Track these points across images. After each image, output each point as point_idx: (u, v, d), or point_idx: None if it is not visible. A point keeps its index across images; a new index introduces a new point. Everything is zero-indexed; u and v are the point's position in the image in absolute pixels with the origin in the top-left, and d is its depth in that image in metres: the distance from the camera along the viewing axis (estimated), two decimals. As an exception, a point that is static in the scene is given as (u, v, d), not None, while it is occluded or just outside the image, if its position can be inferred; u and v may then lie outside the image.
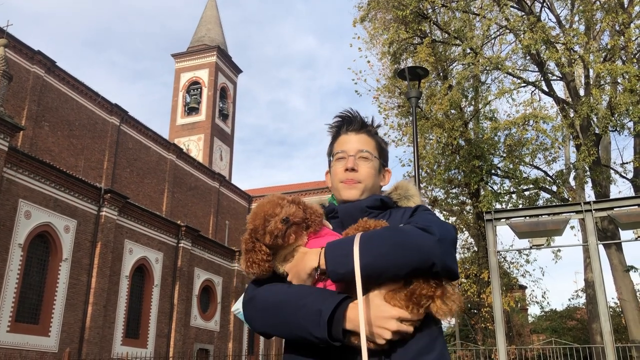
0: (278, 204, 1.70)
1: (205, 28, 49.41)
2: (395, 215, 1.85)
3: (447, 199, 20.41)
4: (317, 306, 1.55)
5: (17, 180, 20.81)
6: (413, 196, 1.94)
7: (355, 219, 1.82)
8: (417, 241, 1.55)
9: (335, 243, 1.62)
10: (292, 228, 1.66)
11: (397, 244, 1.54)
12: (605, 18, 15.34)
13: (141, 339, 26.45)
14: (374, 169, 1.96)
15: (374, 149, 1.99)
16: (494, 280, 9.81)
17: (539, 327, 37.41)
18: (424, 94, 17.18)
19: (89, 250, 23.93)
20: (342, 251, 1.56)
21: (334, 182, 1.98)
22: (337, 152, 1.98)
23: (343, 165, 1.94)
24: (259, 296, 1.70)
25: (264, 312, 1.67)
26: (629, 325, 16.31)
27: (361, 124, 2.01)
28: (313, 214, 1.72)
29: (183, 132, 45.51)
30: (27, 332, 20.70)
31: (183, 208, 38.72)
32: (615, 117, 15.34)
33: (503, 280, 17.98)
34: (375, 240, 1.56)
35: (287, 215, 1.65)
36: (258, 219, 1.69)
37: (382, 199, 1.90)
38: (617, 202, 9.87)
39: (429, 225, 1.60)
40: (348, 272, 1.53)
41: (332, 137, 2.06)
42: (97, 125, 31.96)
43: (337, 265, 1.55)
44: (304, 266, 1.63)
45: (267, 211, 1.69)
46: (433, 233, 1.57)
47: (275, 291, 1.66)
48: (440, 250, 1.55)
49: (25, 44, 27.32)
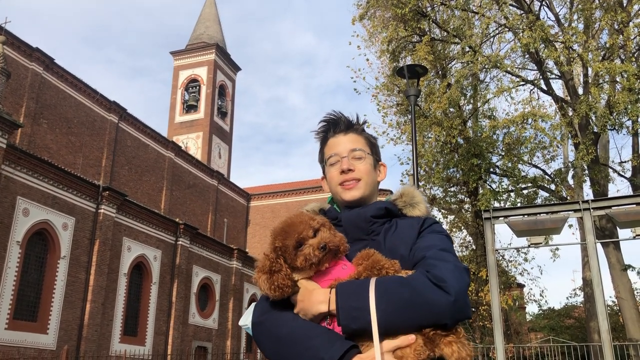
0: (310, 225, 1.65)
1: (204, 25, 49.34)
2: (402, 227, 1.82)
3: (446, 198, 20.42)
4: (322, 354, 1.52)
5: (16, 177, 20.78)
6: (419, 203, 1.90)
7: (360, 228, 1.83)
8: (431, 302, 1.50)
9: (348, 291, 1.54)
10: (328, 255, 1.62)
11: (412, 304, 1.50)
12: (604, 17, 15.34)
13: (139, 337, 26.45)
14: (370, 165, 1.93)
15: (365, 146, 1.95)
16: (492, 279, 9.82)
17: (537, 326, 37.49)
18: (422, 92, 17.18)
19: (87, 247, 23.91)
20: (356, 303, 1.51)
21: (332, 186, 1.93)
22: (329, 156, 1.94)
23: (338, 169, 1.90)
24: (267, 324, 1.67)
25: (271, 343, 1.65)
26: (627, 323, 16.34)
27: (347, 124, 1.97)
28: (342, 241, 1.68)
29: (182, 129, 45.47)
30: (25, 329, 20.69)
31: (181, 206, 38.71)
32: (614, 116, 15.35)
33: (501, 279, 18.00)
34: (389, 296, 1.51)
35: (325, 242, 1.61)
36: (290, 238, 1.63)
37: (387, 207, 1.86)
38: (615, 200, 9.89)
39: (444, 278, 1.54)
40: (361, 328, 1.50)
41: (320, 143, 2.02)
42: (95, 123, 31.92)
43: (351, 320, 1.51)
44: (311, 307, 1.59)
45: (300, 232, 1.64)
46: (449, 292, 1.52)
47: (283, 323, 1.64)
48: (455, 312, 1.52)
49: (23, 41, 27.26)
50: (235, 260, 34.80)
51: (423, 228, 1.81)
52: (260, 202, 48.74)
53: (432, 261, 1.63)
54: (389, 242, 1.80)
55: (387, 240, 1.81)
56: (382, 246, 1.79)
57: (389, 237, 1.81)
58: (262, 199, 48.74)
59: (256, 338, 1.71)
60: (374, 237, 1.83)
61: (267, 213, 47.69)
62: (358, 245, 1.79)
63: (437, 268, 1.58)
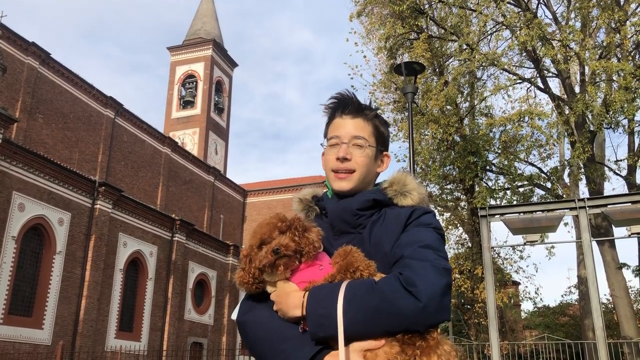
0: (277, 227, 1.65)
1: (201, 21, 49.20)
2: (389, 219, 1.76)
3: (442, 195, 20.45)
4: (292, 358, 1.55)
5: (11, 172, 20.72)
6: (411, 191, 1.80)
7: (345, 221, 1.79)
8: (399, 308, 1.46)
9: (317, 298, 1.54)
10: (282, 260, 1.60)
11: (380, 311, 1.46)
12: (601, 15, 15.36)
13: (135, 333, 26.43)
14: (368, 157, 1.83)
15: (370, 135, 1.85)
16: (488, 276, 9.85)
17: (532, 323, 37.61)
18: (419, 89, 17.19)
19: (83, 243, 23.86)
20: (324, 310, 1.50)
21: (326, 169, 1.87)
22: (331, 137, 1.86)
23: (335, 153, 1.82)
24: (247, 325, 1.70)
25: (251, 344, 1.68)
26: (621, 321, 16.41)
27: (357, 107, 1.87)
28: (308, 245, 1.64)
29: (178, 125, 45.35)
30: (21, 324, 20.66)
31: (178, 202, 38.65)
32: (610, 115, 15.39)
33: (497, 276, 18.05)
34: (357, 303, 1.48)
35: (279, 246, 1.60)
36: (254, 238, 1.66)
37: (375, 199, 1.79)
38: (611, 199, 9.92)
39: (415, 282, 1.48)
40: (328, 335, 1.50)
41: (328, 118, 1.93)
42: (91, 118, 31.82)
43: (319, 327, 1.51)
44: (288, 309, 1.59)
45: (264, 233, 1.65)
46: (419, 298, 1.46)
47: (260, 325, 1.66)
48: (426, 319, 1.47)
49: (19, 35, 27.12)
50: (231, 257, 34.80)
51: (410, 220, 1.73)
52: (256, 198, 48.71)
53: (409, 261, 1.56)
54: (374, 237, 1.74)
55: (373, 234, 1.75)
56: (367, 241, 1.74)
57: (375, 231, 1.75)
58: (259, 195, 48.71)
59: (241, 336, 1.77)
60: (361, 230, 1.78)
61: (263, 209, 47.67)
62: (344, 238, 1.76)
63: (411, 269, 1.52)
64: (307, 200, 1.94)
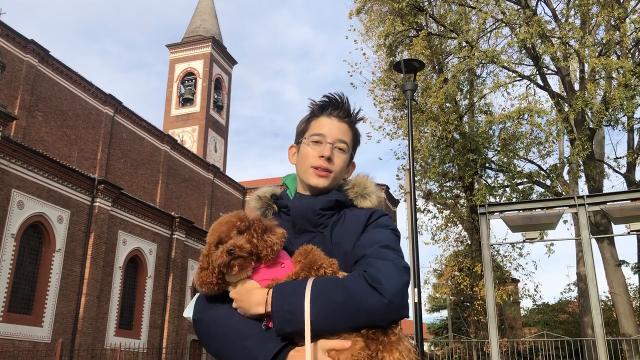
0: (235, 226, 1.63)
1: (200, 19, 49.14)
2: (349, 220, 1.81)
3: (441, 192, 20.47)
4: (256, 354, 1.55)
5: (10, 170, 20.70)
6: (370, 194, 1.89)
7: (308, 220, 1.82)
8: (365, 304, 1.51)
9: (283, 294, 1.55)
10: (237, 260, 1.58)
11: (346, 307, 1.50)
12: (601, 12, 15.35)
13: (134, 330, 26.46)
14: (345, 162, 1.90)
15: (350, 140, 1.91)
16: (487, 274, 9.86)
17: (531, 320, 37.63)
18: (419, 87, 17.17)
19: (83, 240, 23.86)
20: (290, 307, 1.52)
21: (304, 164, 1.88)
22: (316, 133, 1.87)
23: (319, 151, 1.84)
24: (205, 322, 1.69)
25: (210, 341, 1.67)
26: (620, 318, 16.44)
27: (347, 112, 1.92)
28: (266, 248, 1.63)
29: (177, 123, 45.34)
30: (20, 322, 20.67)
31: (177, 199, 38.64)
32: (610, 112, 15.39)
33: (496, 274, 18.06)
34: (323, 299, 1.51)
35: (233, 247, 1.58)
36: (213, 237, 1.64)
37: (338, 200, 1.84)
38: (610, 196, 9.92)
39: (379, 279, 1.54)
40: (295, 331, 1.52)
41: (311, 114, 1.94)
42: (90, 116, 31.78)
43: (285, 323, 1.52)
44: (250, 306, 1.59)
45: (222, 232, 1.63)
46: (383, 294, 1.51)
47: (220, 322, 1.65)
48: (389, 314, 1.52)
49: (18, 33, 27.07)
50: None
51: (370, 222, 1.79)
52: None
53: (371, 260, 1.62)
54: (335, 236, 1.79)
55: (334, 234, 1.80)
56: (329, 240, 1.78)
57: (336, 231, 1.80)
58: (258, 193, 48.69)
59: (197, 334, 1.73)
60: (322, 229, 1.82)
61: (262, 207, 47.64)
62: (305, 237, 1.80)
63: (374, 268, 1.58)
64: (267, 198, 1.98)
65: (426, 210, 20.69)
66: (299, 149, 1.93)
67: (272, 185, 2.07)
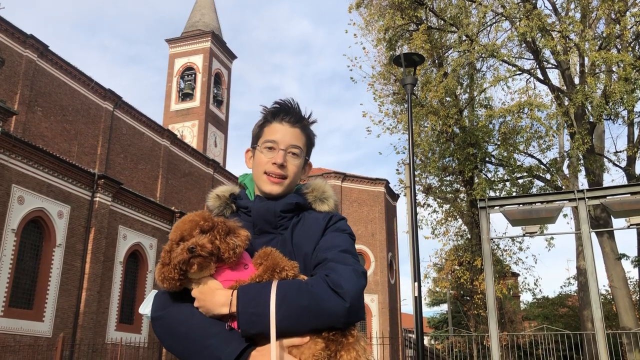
0: (198, 225, 1.64)
1: (200, 13, 49.01)
2: (309, 223, 1.87)
3: (441, 187, 20.47)
4: (218, 353, 1.57)
5: (10, 165, 20.70)
6: (328, 199, 1.95)
7: (268, 222, 1.86)
8: (327, 308, 1.57)
9: (248, 296, 1.58)
10: (197, 259, 1.59)
11: (310, 311, 1.55)
12: (601, 6, 15.31)
13: (135, 325, 26.52)
14: (299, 167, 1.94)
15: (304, 144, 1.96)
16: (487, 268, 9.88)
17: (531, 314, 37.71)
18: (419, 81, 17.15)
19: (83, 236, 23.89)
20: (255, 309, 1.55)
21: (257, 170, 1.93)
22: (268, 140, 1.92)
23: (271, 158, 1.89)
24: (165, 319, 1.69)
25: (170, 339, 1.67)
26: (620, 312, 16.47)
27: (298, 117, 1.96)
28: (229, 250, 1.64)
29: (177, 118, 45.30)
30: (21, 317, 20.71)
31: (177, 194, 38.65)
32: (610, 106, 15.36)
33: (496, 268, 18.09)
34: (288, 303, 1.55)
35: (195, 245, 1.59)
36: (175, 234, 1.65)
37: (298, 203, 1.89)
38: (610, 190, 9.92)
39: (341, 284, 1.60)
40: (259, 332, 1.55)
41: (264, 119, 1.99)
42: (90, 111, 31.75)
43: (250, 325, 1.55)
44: (213, 306, 1.61)
45: (185, 230, 1.64)
46: (345, 298, 1.58)
47: (181, 321, 1.65)
48: (349, 317, 1.59)
49: (17, 28, 27.01)
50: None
51: (329, 225, 1.86)
52: (256, 190, 48.73)
53: (333, 264, 1.68)
54: (296, 238, 1.84)
55: (295, 235, 1.85)
56: (289, 242, 1.84)
57: (296, 233, 1.85)
58: (258, 187, 48.74)
59: (155, 332, 1.73)
60: (282, 231, 1.87)
61: (263, 202, 47.71)
62: (265, 238, 1.85)
63: (336, 272, 1.64)
64: (225, 197, 1.99)
65: (426, 204, 20.71)
66: (254, 154, 1.98)
67: (230, 184, 2.10)
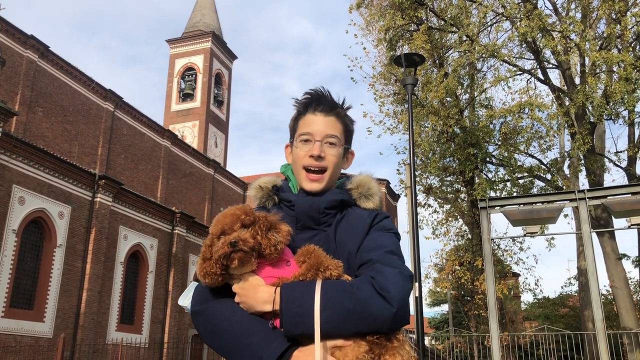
0: (240, 219, 1.61)
1: (200, 13, 49.03)
2: (353, 220, 1.81)
3: (442, 187, 20.46)
4: (260, 352, 1.54)
5: (11, 165, 20.71)
6: (373, 195, 1.87)
7: (312, 218, 1.81)
8: (373, 312, 1.52)
9: (292, 296, 1.54)
10: (238, 254, 1.57)
11: (355, 314, 1.52)
12: (601, 6, 15.29)
13: (136, 325, 26.52)
14: (339, 156, 1.87)
15: (341, 133, 1.88)
16: (488, 268, 9.87)
17: (532, 314, 37.70)
18: (419, 81, 17.14)
19: (84, 236, 23.89)
20: (300, 309, 1.52)
21: (296, 166, 1.87)
22: (303, 132, 1.86)
23: (308, 151, 1.83)
24: (206, 314, 1.66)
25: (210, 334, 1.65)
26: (621, 312, 16.46)
27: (331, 105, 1.88)
28: (270, 246, 1.61)
29: (178, 118, 45.31)
30: (22, 317, 20.72)
31: (178, 194, 38.66)
32: (611, 106, 15.36)
33: (496, 268, 18.08)
34: (333, 305, 1.51)
35: (237, 240, 1.57)
36: (216, 227, 1.63)
37: (342, 199, 1.84)
38: (610, 190, 9.91)
39: (387, 288, 1.55)
40: (303, 334, 1.52)
41: (297, 113, 1.92)
42: (91, 111, 31.77)
43: (293, 326, 1.52)
44: (256, 303, 1.58)
45: (226, 223, 1.62)
46: (391, 303, 1.53)
47: (223, 316, 1.63)
48: (395, 322, 1.55)
49: (18, 28, 27.03)
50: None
51: (374, 223, 1.80)
52: (256, 191, 48.70)
53: (379, 266, 1.63)
54: (339, 236, 1.78)
55: (338, 233, 1.79)
56: (332, 239, 1.78)
57: (340, 230, 1.80)
58: (259, 188, 48.71)
59: (195, 326, 1.71)
60: (325, 227, 1.81)
61: (263, 202, 47.69)
62: (308, 234, 1.80)
63: (382, 275, 1.59)
64: (268, 189, 1.94)
65: (427, 204, 20.69)
66: (292, 149, 1.92)
67: (273, 175, 2.03)
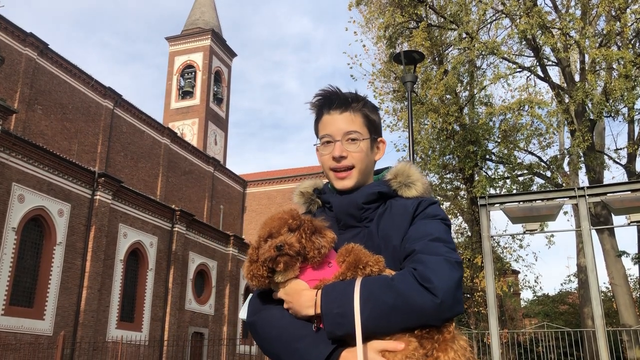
0: (286, 223, 1.62)
1: (200, 11, 48.97)
2: (396, 212, 1.74)
3: (442, 184, 20.45)
4: (307, 357, 1.53)
5: (10, 163, 20.70)
6: (415, 182, 1.79)
7: (351, 215, 1.77)
8: (416, 305, 1.46)
9: (332, 297, 1.52)
10: (283, 257, 1.57)
11: (397, 309, 1.46)
12: (601, 3, 15.27)
13: (136, 323, 26.54)
14: (364, 150, 1.80)
15: (361, 126, 1.81)
16: (487, 265, 9.87)
17: (532, 312, 37.76)
18: (419, 78, 17.13)
19: (83, 234, 23.90)
20: (340, 309, 1.49)
21: (325, 169, 1.84)
22: (323, 135, 1.82)
23: (330, 152, 1.79)
24: (258, 324, 1.67)
25: (264, 343, 1.66)
26: (620, 309, 16.48)
27: (344, 101, 1.82)
28: (314, 249, 1.60)
29: (177, 116, 45.30)
30: (22, 315, 20.73)
31: (177, 192, 38.67)
32: (610, 103, 15.36)
33: (496, 265, 18.10)
34: (373, 301, 1.47)
35: (283, 243, 1.57)
36: (264, 230, 1.64)
37: (380, 192, 1.77)
38: (610, 187, 9.90)
39: (430, 278, 1.48)
40: (346, 334, 1.49)
41: (316, 115, 1.88)
42: (90, 109, 31.75)
43: (335, 327, 1.49)
44: (300, 308, 1.57)
45: (273, 227, 1.62)
46: (435, 294, 1.47)
47: (272, 325, 1.63)
48: (442, 313, 1.48)
49: (17, 26, 26.99)
50: (231, 247, 34.86)
51: (417, 212, 1.71)
52: (256, 188, 48.73)
53: (421, 256, 1.56)
54: (382, 230, 1.72)
55: (381, 227, 1.73)
56: (376, 234, 1.72)
57: (383, 224, 1.73)
58: (258, 185, 48.73)
59: (252, 336, 1.72)
60: (367, 224, 1.76)
61: (263, 200, 47.72)
62: (350, 233, 1.76)
63: (424, 265, 1.52)
64: (309, 193, 1.91)
65: (426, 202, 20.64)
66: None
67: (313, 178, 2.00)
